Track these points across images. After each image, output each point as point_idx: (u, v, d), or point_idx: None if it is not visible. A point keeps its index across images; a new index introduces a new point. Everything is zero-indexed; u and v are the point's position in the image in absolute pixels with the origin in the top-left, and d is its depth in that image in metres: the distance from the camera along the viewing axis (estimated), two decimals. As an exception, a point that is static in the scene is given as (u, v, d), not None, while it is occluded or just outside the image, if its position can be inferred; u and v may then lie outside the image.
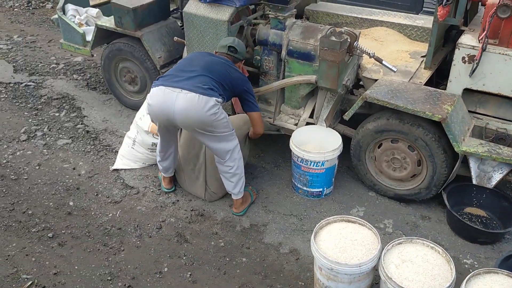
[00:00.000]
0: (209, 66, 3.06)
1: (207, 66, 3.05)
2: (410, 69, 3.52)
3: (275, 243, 3.16)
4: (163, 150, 3.38)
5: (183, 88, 2.91)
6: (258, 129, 3.37)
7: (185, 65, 3.10)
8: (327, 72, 3.32)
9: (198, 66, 3.03)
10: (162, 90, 2.95)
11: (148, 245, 3.15)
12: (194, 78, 2.96)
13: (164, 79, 3.01)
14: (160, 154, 3.41)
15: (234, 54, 3.26)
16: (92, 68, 5.44)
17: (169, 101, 2.92)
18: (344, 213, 3.38)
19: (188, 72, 3.00)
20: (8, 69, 5.39)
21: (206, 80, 2.96)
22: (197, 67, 3.03)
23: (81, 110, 4.63)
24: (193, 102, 2.88)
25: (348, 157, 3.60)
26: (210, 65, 3.07)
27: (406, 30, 3.96)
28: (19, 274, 2.93)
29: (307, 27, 3.54)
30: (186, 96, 2.89)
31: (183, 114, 2.91)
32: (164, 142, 3.33)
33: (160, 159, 3.44)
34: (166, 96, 2.93)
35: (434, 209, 3.44)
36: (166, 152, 3.39)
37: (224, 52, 3.26)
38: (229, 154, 3.15)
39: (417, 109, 3.03)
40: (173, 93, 2.91)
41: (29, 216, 3.36)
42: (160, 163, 3.47)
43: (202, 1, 3.63)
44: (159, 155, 3.42)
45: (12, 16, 6.94)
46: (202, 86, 2.92)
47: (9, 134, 4.25)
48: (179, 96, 2.90)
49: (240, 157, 3.24)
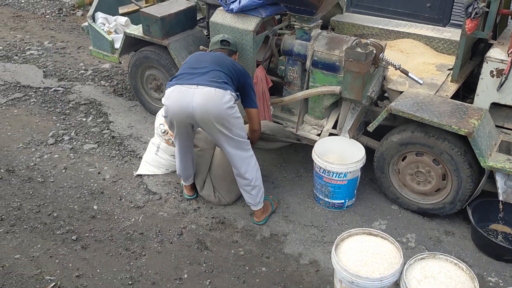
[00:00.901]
0: (217, 60, 3.13)
1: (215, 61, 3.13)
2: (437, 82, 3.48)
3: (295, 254, 3.15)
4: (181, 159, 3.41)
5: (198, 84, 2.96)
6: (255, 126, 3.34)
7: (194, 63, 3.14)
8: (351, 83, 3.31)
9: (207, 62, 3.10)
10: (178, 89, 2.99)
11: (169, 251, 3.17)
12: (207, 74, 3.02)
13: (177, 79, 3.06)
14: (178, 163, 3.44)
15: (228, 46, 3.36)
16: (119, 75, 5.55)
17: (187, 98, 2.95)
18: (365, 225, 3.35)
19: (199, 69, 3.06)
20: (39, 74, 5.54)
21: (219, 75, 3.03)
22: (206, 63, 3.09)
23: (108, 115, 4.73)
24: (210, 95, 2.93)
25: (371, 169, 3.57)
26: (217, 59, 3.14)
27: (433, 42, 3.92)
28: (43, 275, 2.99)
29: (332, 38, 3.54)
30: (202, 91, 2.93)
31: (201, 109, 2.94)
32: (181, 150, 3.36)
33: (179, 168, 3.47)
34: (183, 93, 2.97)
35: (458, 224, 3.38)
36: (184, 160, 3.42)
37: (218, 47, 3.35)
38: (246, 164, 3.17)
39: (443, 122, 3.00)
40: (190, 90, 2.96)
41: (54, 218, 3.43)
42: (179, 172, 3.51)
43: (229, 11, 3.68)
44: (178, 165, 3.46)
45: (43, 23, 7.15)
46: (216, 80, 2.98)
47: (38, 138, 4.36)
48: (196, 92, 2.94)
49: (257, 168, 3.26)
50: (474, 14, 3.09)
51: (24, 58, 5.95)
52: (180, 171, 3.49)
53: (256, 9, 3.62)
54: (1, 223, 3.38)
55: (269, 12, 3.66)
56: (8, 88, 5.22)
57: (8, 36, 6.59)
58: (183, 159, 3.41)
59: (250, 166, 3.20)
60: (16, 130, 4.48)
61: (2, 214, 3.46)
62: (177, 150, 3.39)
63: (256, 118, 3.31)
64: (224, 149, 3.18)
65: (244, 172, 3.19)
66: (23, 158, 4.07)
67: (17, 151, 4.18)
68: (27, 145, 4.25)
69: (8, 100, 4.98)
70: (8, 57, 5.96)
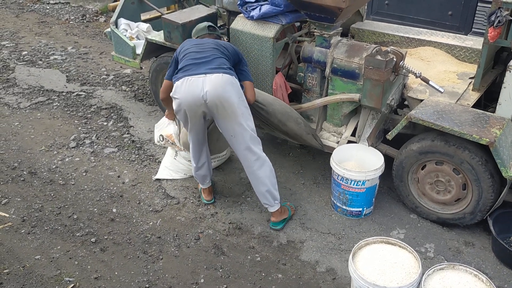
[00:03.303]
0: (215, 46, 3.25)
1: (214, 46, 3.24)
2: (458, 91, 3.45)
3: (312, 261, 3.14)
4: (196, 157, 3.44)
5: (206, 73, 3.06)
6: (250, 97, 3.35)
7: (195, 53, 3.21)
8: (371, 91, 3.30)
9: (208, 52, 3.19)
10: (187, 80, 3.06)
11: (186, 255, 3.19)
12: (211, 62, 3.12)
13: (184, 71, 3.12)
14: (194, 163, 3.47)
15: (214, 31, 3.52)
16: (140, 80, 5.63)
17: (198, 87, 3.03)
18: (383, 234, 3.32)
19: (203, 58, 3.14)
20: (62, 79, 5.66)
21: (222, 61, 3.16)
22: (208, 53, 3.18)
23: (128, 120, 4.79)
24: (220, 80, 3.03)
25: (390, 178, 3.54)
26: (214, 45, 3.26)
27: (455, 50, 3.88)
28: (62, 276, 3.04)
29: (352, 46, 3.54)
30: (211, 78, 3.04)
31: (214, 95, 3.02)
32: (196, 147, 3.39)
33: (195, 169, 3.50)
34: (194, 84, 3.04)
35: (479, 235, 3.32)
36: (199, 159, 3.45)
37: (205, 33, 3.48)
38: (256, 154, 3.20)
39: (464, 131, 2.96)
40: (199, 79, 3.04)
41: (74, 220, 3.49)
42: (196, 174, 3.53)
43: (249, 18, 3.71)
44: (194, 166, 3.49)
45: (67, 28, 7.30)
46: (222, 66, 3.11)
47: (60, 141, 4.44)
48: (205, 80, 3.04)
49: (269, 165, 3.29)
50: (497, 23, 3.05)
51: (48, 62, 6.08)
52: (196, 171, 3.51)
53: (276, 16, 3.64)
54: (22, 224, 3.45)
55: (289, 19, 3.68)
56: (32, 92, 5.34)
57: (33, 41, 6.75)
58: (196, 157, 3.43)
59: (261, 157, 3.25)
60: (39, 133, 4.57)
61: (24, 215, 3.53)
62: (192, 148, 3.41)
63: (252, 91, 3.38)
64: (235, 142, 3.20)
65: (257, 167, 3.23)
66: (45, 161, 4.15)
67: (40, 153, 4.26)
68: (50, 148, 4.33)
69: (32, 104, 5.09)
70: (32, 61, 6.11)
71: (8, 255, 3.18)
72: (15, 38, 6.87)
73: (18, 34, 7.01)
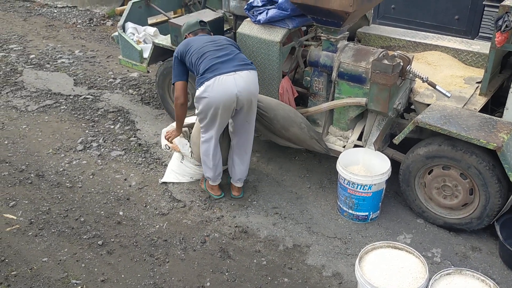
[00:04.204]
0: (228, 41, 3.41)
1: (228, 42, 3.40)
2: (465, 95, 3.44)
3: (318, 265, 3.13)
4: (215, 155, 3.51)
5: (235, 70, 3.20)
6: None
7: (215, 51, 3.30)
8: (378, 95, 3.30)
9: (226, 49, 3.33)
10: (219, 79, 3.17)
11: (192, 258, 3.20)
12: (235, 59, 3.27)
13: (212, 71, 3.20)
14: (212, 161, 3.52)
15: (206, 26, 3.65)
16: (146, 84, 5.66)
17: (231, 85, 3.17)
18: (390, 239, 3.31)
19: (225, 56, 3.27)
20: (69, 82, 5.69)
21: (242, 56, 3.35)
22: (226, 49, 3.32)
23: (135, 123, 4.82)
24: (249, 77, 3.25)
25: (396, 182, 3.54)
26: (226, 40, 3.42)
27: (461, 55, 3.88)
28: (69, 279, 3.05)
29: (359, 50, 3.54)
30: (242, 75, 3.21)
31: (246, 91, 3.22)
32: (216, 145, 3.48)
33: (212, 165, 3.54)
34: (226, 82, 3.17)
35: (486, 240, 3.31)
36: (217, 156, 3.53)
37: (198, 28, 3.58)
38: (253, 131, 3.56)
39: (471, 136, 2.95)
40: (230, 77, 3.18)
41: (81, 223, 3.51)
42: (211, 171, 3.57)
43: (256, 22, 3.73)
44: (211, 163, 3.53)
45: (74, 32, 7.35)
46: (245, 62, 3.29)
47: (67, 144, 4.47)
48: (236, 77, 3.19)
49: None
50: (504, 27, 3.05)
51: (56, 66, 6.12)
52: (212, 168, 3.55)
53: (283, 20, 3.66)
54: (30, 226, 3.47)
55: (296, 23, 3.69)
56: (39, 95, 5.38)
57: (41, 45, 6.80)
58: (215, 154, 3.50)
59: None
60: (47, 136, 4.60)
61: (32, 217, 3.55)
62: (209, 144, 3.45)
63: None
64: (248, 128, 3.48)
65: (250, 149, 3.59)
66: (53, 164, 4.18)
67: (47, 156, 4.29)
68: (57, 151, 4.36)
69: (39, 107, 5.13)
70: (40, 65, 6.15)
71: (16, 257, 3.20)
72: (23, 41, 6.93)
73: (26, 37, 7.07)
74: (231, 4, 4.09)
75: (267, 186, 3.88)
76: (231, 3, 4.07)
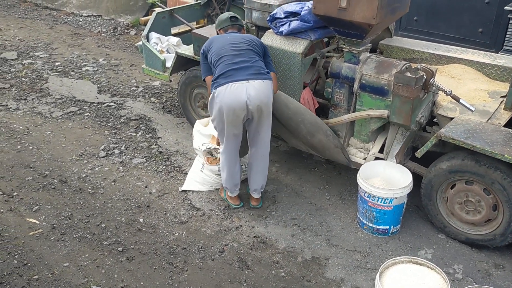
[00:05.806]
0: (248, 46, 3.37)
1: (248, 47, 3.36)
2: (489, 109, 3.39)
3: (337, 279, 3.11)
4: (230, 165, 3.53)
5: (248, 79, 3.22)
6: (275, 88, 3.47)
7: (232, 56, 3.31)
8: (400, 108, 3.28)
9: (245, 55, 3.31)
10: (231, 86, 3.21)
11: (210, 267, 3.21)
12: (250, 67, 3.28)
13: (225, 77, 3.24)
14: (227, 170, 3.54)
15: (237, 22, 3.58)
16: (168, 92, 5.72)
17: (242, 93, 3.20)
18: (411, 254, 3.27)
19: (241, 63, 3.28)
20: (93, 90, 5.80)
21: (259, 64, 3.33)
22: (244, 56, 3.31)
23: (156, 131, 4.87)
24: (262, 86, 3.25)
25: (418, 196, 3.50)
26: (247, 44, 3.37)
27: (485, 68, 3.83)
28: (89, 284, 3.09)
29: (381, 62, 3.53)
30: (254, 84, 3.23)
31: (256, 99, 3.23)
32: (231, 153, 3.50)
33: (227, 176, 3.57)
34: (238, 90, 3.20)
35: (509, 257, 3.24)
36: (233, 166, 3.54)
37: (228, 25, 3.54)
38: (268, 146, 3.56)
39: (495, 151, 2.91)
40: (243, 85, 3.21)
41: (102, 229, 3.55)
42: (226, 182, 3.60)
43: (278, 34, 3.75)
44: (226, 173, 3.55)
45: (99, 40, 7.49)
46: (261, 72, 3.30)
47: (90, 150, 4.54)
48: (248, 86, 3.22)
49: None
50: (530, 41, 3.01)
51: (80, 73, 6.25)
52: (228, 179, 3.58)
53: (305, 32, 3.67)
54: (52, 231, 3.53)
55: (318, 35, 3.70)
56: (64, 102, 5.48)
57: (66, 53, 6.95)
58: (232, 165, 3.53)
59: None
60: (70, 142, 4.69)
61: (54, 222, 3.61)
62: (226, 155, 3.49)
63: (276, 81, 3.50)
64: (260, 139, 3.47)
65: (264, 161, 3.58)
66: (76, 170, 4.25)
67: (70, 162, 4.37)
68: (80, 157, 4.43)
69: (64, 114, 5.23)
70: (65, 72, 6.28)
71: (38, 262, 3.25)
72: (49, 49, 7.08)
73: (52, 45, 7.23)
74: (253, 15, 4.13)
75: (286, 197, 3.87)
76: (253, 14, 4.11)
